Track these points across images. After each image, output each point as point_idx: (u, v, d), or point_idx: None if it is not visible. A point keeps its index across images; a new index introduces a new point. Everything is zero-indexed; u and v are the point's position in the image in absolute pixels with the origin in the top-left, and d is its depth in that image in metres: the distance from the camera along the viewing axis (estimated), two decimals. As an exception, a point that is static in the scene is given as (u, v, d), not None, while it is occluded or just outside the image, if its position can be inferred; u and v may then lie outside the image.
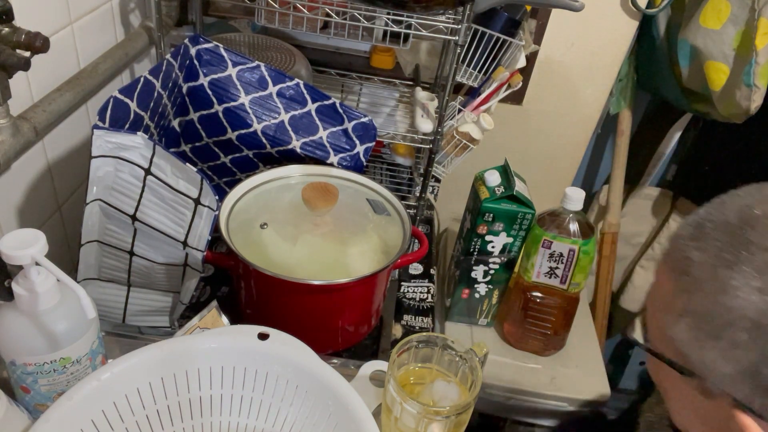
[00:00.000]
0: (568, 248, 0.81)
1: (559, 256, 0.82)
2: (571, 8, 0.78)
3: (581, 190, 0.80)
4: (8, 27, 0.59)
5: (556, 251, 0.82)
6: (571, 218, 0.81)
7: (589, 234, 0.82)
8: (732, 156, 1.29)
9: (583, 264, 0.82)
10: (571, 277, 0.84)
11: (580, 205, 0.80)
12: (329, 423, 0.55)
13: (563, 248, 0.82)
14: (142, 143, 0.65)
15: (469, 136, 0.96)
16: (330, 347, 0.80)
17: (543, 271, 0.85)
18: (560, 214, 0.82)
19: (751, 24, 1.00)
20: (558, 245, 0.82)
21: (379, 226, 0.81)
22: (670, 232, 1.45)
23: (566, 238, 0.81)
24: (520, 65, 0.99)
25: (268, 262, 0.70)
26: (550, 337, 0.91)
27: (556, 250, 0.82)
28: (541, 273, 0.85)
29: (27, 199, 0.74)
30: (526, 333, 0.92)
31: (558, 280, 0.85)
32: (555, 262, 0.83)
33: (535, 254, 0.84)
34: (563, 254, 0.82)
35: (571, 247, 0.81)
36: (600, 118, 1.30)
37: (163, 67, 0.74)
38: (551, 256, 0.83)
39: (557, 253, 0.82)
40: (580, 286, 0.86)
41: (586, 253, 0.81)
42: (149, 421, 0.55)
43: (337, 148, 0.90)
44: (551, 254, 0.83)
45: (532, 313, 0.89)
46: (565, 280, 0.85)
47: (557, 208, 0.83)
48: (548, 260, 0.84)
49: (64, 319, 0.53)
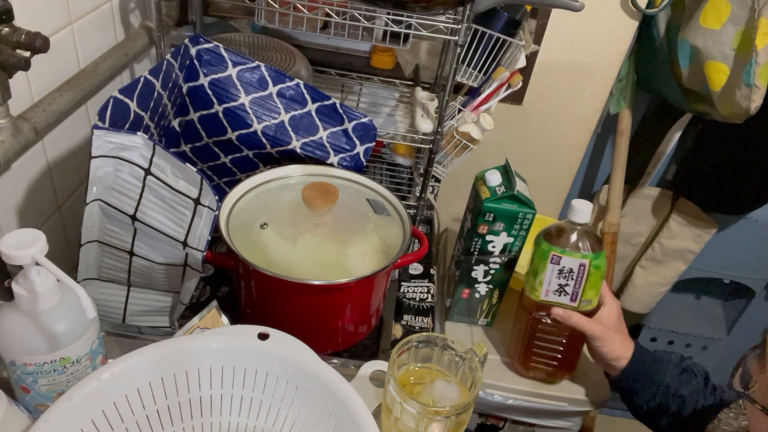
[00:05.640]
0: (578, 263, 0.77)
1: (568, 272, 0.78)
2: (571, 8, 0.78)
3: (588, 201, 0.77)
4: (8, 27, 0.59)
5: (565, 267, 0.78)
6: (579, 231, 0.78)
7: (598, 248, 0.78)
8: (732, 156, 1.29)
9: (595, 279, 0.78)
10: (581, 294, 0.79)
11: (587, 218, 0.77)
12: (329, 423, 0.55)
13: (573, 263, 0.77)
14: (142, 143, 0.65)
15: (469, 136, 0.96)
16: (330, 347, 0.80)
17: (552, 288, 0.80)
18: (567, 227, 0.78)
19: (751, 24, 1.00)
20: (567, 260, 0.77)
21: (379, 226, 0.81)
22: (670, 232, 1.45)
23: (576, 252, 0.77)
24: (520, 65, 0.99)
25: (268, 262, 0.70)
26: (560, 361, 0.86)
27: (566, 265, 0.78)
28: (549, 291, 0.80)
29: (27, 199, 0.74)
30: (534, 359, 0.87)
31: (568, 298, 0.80)
32: (564, 279, 0.79)
33: (543, 271, 0.79)
34: (573, 270, 0.78)
35: (581, 262, 0.77)
36: (600, 118, 1.30)
37: (163, 67, 0.74)
38: (560, 272, 0.78)
39: (567, 269, 0.78)
40: (592, 303, 0.80)
41: (597, 267, 0.77)
42: (149, 421, 0.55)
43: (337, 148, 0.90)
44: (560, 270, 0.78)
45: (541, 335, 0.84)
46: (576, 297, 0.80)
47: (563, 222, 0.79)
48: (557, 277, 0.79)
49: (64, 319, 0.53)
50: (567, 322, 0.80)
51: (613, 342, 0.79)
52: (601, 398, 0.90)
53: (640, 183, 1.49)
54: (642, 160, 1.47)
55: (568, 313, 0.79)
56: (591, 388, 0.90)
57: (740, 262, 1.53)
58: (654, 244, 1.49)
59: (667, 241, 1.47)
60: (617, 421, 1.78)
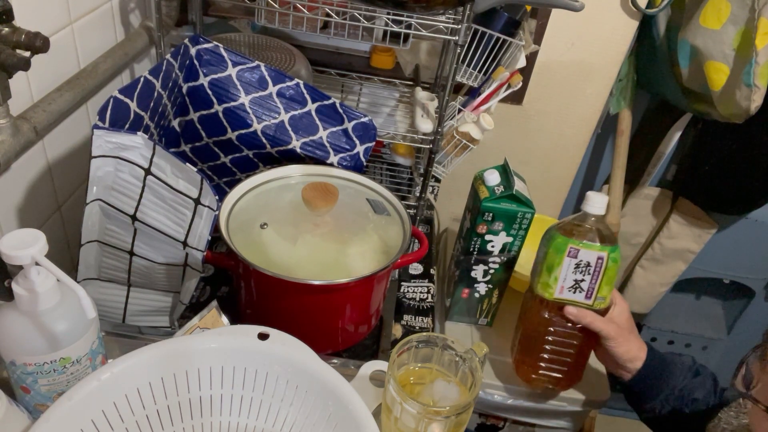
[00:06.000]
0: (596, 256, 0.73)
1: (585, 266, 0.74)
2: (571, 8, 0.78)
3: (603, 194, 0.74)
4: (8, 27, 0.59)
5: (582, 260, 0.73)
6: (595, 223, 0.74)
7: (614, 240, 0.74)
8: (732, 156, 1.29)
9: (611, 274, 0.74)
10: (597, 290, 0.75)
11: (603, 209, 0.73)
12: (329, 423, 0.55)
13: (591, 257, 0.73)
14: (142, 143, 0.65)
15: (469, 136, 0.96)
16: (330, 347, 0.80)
17: (567, 285, 0.75)
18: (583, 220, 0.74)
19: (751, 24, 1.00)
20: (585, 254, 0.73)
21: (379, 226, 0.81)
22: (670, 232, 1.46)
23: (594, 244, 0.73)
24: (520, 65, 0.99)
25: (268, 262, 0.70)
26: (571, 366, 0.81)
27: (583, 259, 0.73)
28: (564, 288, 0.75)
29: (27, 199, 0.74)
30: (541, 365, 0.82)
31: (583, 295, 0.75)
32: (581, 274, 0.74)
33: (559, 266, 0.74)
34: (590, 263, 0.73)
35: (599, 255, 0.73)
36: (600, 118, 1.30)
37: (163, 67, 0.74)
38: (577, 267, 0.74)
39: (584, 263, 0.73)
40: (606, 300, 0.76)
41: (614, 260, 0.74)
42: (149, 421, 0.55)
43: (337, 148, 0.90)
44: (577, 264, 0.74)
45: (554, 337, 0.78)
46: (591, 293, 0.75)
47: (577, 215, 0.75)
48: (573, 272, 0.74)
49: (64, 319, 0.53)
50: (581, 322, 0.75)
51: (628, 342, 0.76)
52: (601, 398, 0.90)
53: (640, 183, 1.49)
54: (642, 160, 1.47)
55: (582, 312, 0.75)
56: (591, 388, 0.90)
57: (740, 262, 1.53)
58: (654, 244, 1.49)
59: (667, 241, 1.47)
60: (617, 421, 1.78)
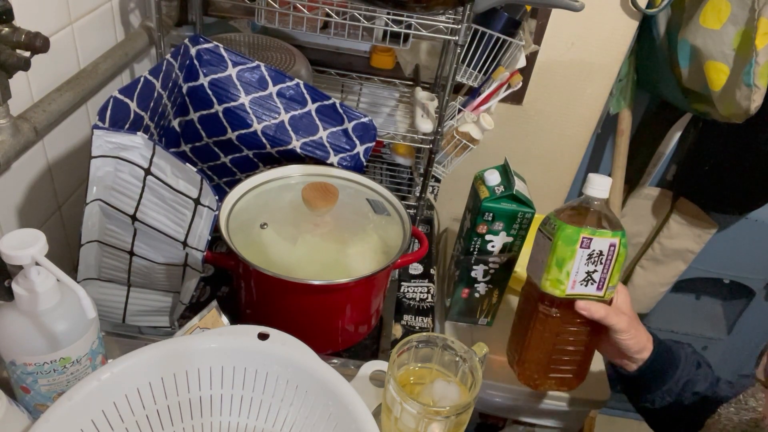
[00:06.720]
0: (608, 243, 0.67)
1: (598, 256, 0.68)
2: (571, 8, 0.78)
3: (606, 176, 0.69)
4: (8, 27, 0.59)
5: (595, 250, 0.67)
6: (599, 207, 0.68)
7: (620, 224, 0.69)
8: (732, 156, 1.29)
9: (621, 260, 0.69)
10: (609, 280, 0.69)
11: (607, 193, 0.68)
12: (329, 423, 0.55)
13: (603, 244, 0.67)
14: (142, 143, 0.65)
15: (469, 136, 0.96)
16: (330, 347, 0.80)
17: (579, 279, 0.69)
18: (587, 205, 0.69)
19: (751, 24, 1.00)
20: (598, 242, 0.67)
21: (379, 226, 0.81)
22: (670, 232, 1.45)
23: (606, 231, 0.67)
24: (520, 65, 0.99)
25: (268, 262, 0.70)
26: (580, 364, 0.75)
27: (596, 248, 0.67)
28: (576, 282, 0.69)
29: (27, 199, 0.74)
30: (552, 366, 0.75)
31: (595, 287, 0.69)
32: (594, 264, 0.68)
33: (572, 259, 0.67)
34: (603, 252, 0.67)
35: (611, 242, 0.67)
36: (600, 118, 1.30)
37: (163, 67, 0.74)
38: (589, 258, 0.68)
39: (596, 253, 0.67)
40: (615, 290, 0.71)
41: (624, 246, 0.68)
42: (149, 421, 0.55)
43: (337, 148, 0.90)
44: (590, 255, 0.67)
45: (563, 337, 0.72)
46: (603, 284, 0.69)
47: (578, 200, 0.70)
48: (586, 263, 0.68)
49: (64, 319, 0.53)
50: (594, 317, 0.69)
51: (639, 333, 0.71)
52: (601, 398, 0.90)
53: (640, 183, 1.49)
54: (642, 160, 1.47)
55: (595, 306, 0.69)
56: (591, 388, 0.90)
57: (740, 262, 1.53)
58: (654, 244, 1.49)
59: (667, 241, 1.47)
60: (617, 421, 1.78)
